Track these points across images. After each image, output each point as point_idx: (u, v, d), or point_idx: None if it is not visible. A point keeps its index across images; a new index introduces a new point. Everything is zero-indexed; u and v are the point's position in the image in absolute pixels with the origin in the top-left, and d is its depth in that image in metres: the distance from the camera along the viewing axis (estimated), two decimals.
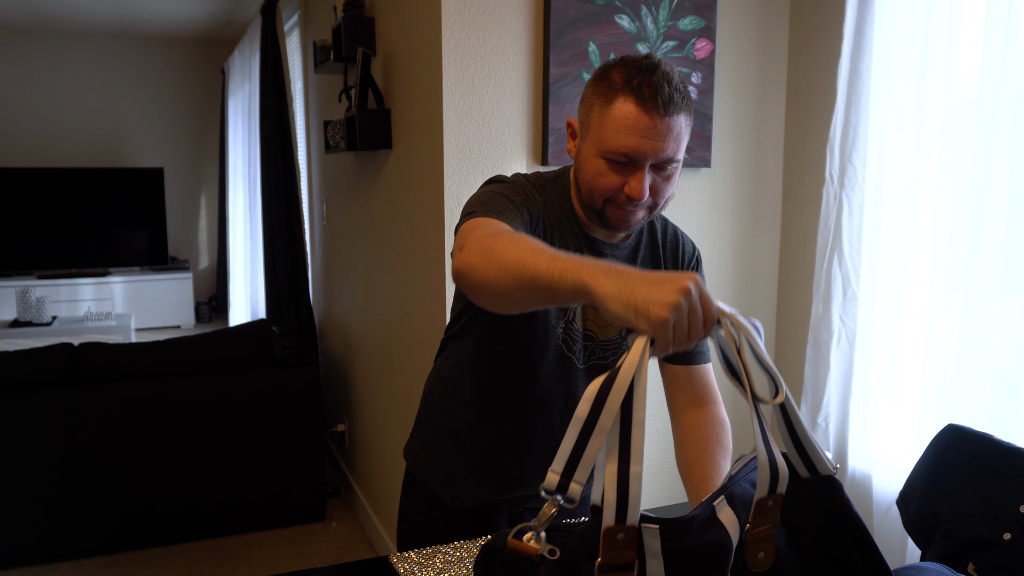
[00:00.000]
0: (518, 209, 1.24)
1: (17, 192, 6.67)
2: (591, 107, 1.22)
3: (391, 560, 1.35)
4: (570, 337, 1.35)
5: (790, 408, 0.92)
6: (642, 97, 1.16)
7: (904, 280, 2.00)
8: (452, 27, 2.06)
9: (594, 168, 1.22)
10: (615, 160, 1.19)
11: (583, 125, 1.25)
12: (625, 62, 1.20)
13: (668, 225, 1.45)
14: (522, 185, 1.31)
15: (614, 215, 1.25)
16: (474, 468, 1.45)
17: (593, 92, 1.22)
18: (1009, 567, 1.20)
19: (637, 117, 1.16)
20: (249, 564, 3.06)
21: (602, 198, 1.24)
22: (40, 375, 3.02)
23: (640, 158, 1.18)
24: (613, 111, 1.18)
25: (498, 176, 1.36)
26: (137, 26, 6.65)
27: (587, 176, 1.24)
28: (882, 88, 2.01)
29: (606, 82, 1.20)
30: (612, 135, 1.18)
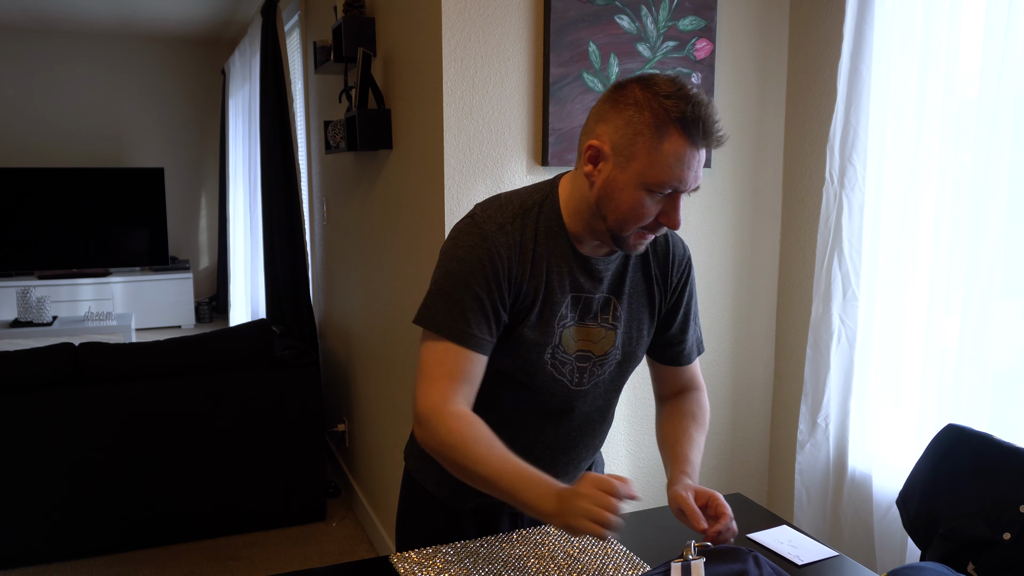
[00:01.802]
0: (482, 309, 1.23)
1: (18, 192, 6.68)
2: (636, 136, 1.17)
3: (391, 560, 1.35)
4: (558, 361, 1.33)
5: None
6: (696, 132, 1.16)
7: (904, 280, 2.00)
8: (452, 27, 2.06)
9: (634, 199, 1.20)
10: (659, 192, 1.19)
11: (621, 153, 1.19)
12: (668, 88, 1.17)
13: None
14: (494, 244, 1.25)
15: (636, 240, 1.25)
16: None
17: (638, 120, 1.17)
18: (1009, 567, 1.20)
19: (687, 150, 1.16)
20: (249, 564, 3.06)
21: (636, 226, 1.22)
22: (40, 375, 3.02)
23: (685, 189, 1.19)
24: (666, 145, 1.16)
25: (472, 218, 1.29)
26: (138, 26, 6.66)
27: (622, 206, 1.21)
28: (882, 88, 2.01)
29: (652, 111, 1.16)
30: (664, 168, 1.16)
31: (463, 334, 1.24)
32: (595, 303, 1.34)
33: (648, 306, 1.40)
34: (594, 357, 1.36)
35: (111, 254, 6.97)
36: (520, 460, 1.17)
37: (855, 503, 2.11)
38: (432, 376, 1.24)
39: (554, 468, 1.43)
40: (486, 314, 1.24)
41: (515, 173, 2.17)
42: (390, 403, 2.88)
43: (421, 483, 1.50)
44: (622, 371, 1.43)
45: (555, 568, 1.31)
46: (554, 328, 1.30)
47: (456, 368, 1.23)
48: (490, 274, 1.24)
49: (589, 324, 1.33)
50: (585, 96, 2.16)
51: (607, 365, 1.38)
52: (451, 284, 1.25)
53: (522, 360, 1.32)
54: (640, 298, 1.39)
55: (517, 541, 1.40)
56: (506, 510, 1.49)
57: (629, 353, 1.40)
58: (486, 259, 1.24)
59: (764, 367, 2.55)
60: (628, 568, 1.32)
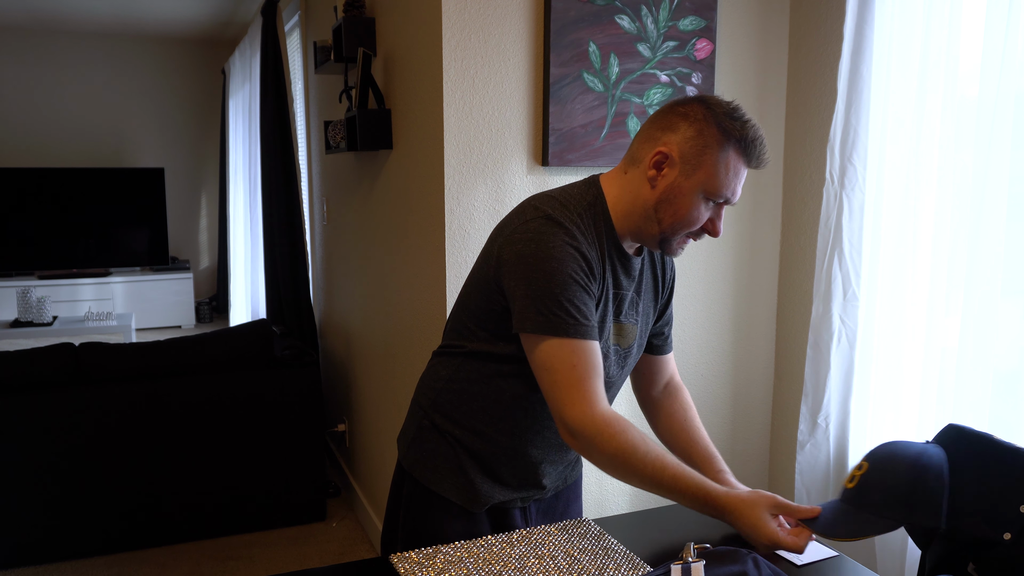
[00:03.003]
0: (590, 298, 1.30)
1: (18, 192, 6.68)
2: (704, 147, 1.29)
3: (391, 560, 1.35)
4: (604, 354, 1.42)
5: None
6: (753, 151, 1.31)
7: (904, 280, 2.00)
8: (453, 27, 2.06)
9: (692, 204, 1.32)
10: (715, 200, 1.32)
11: (689, 162, 1.30)
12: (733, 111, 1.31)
13: None
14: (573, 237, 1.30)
15: (680, 244, 1.37)
16: (489, 473, 1.47)
17: (707, 132, 1.29)
18: (1009, 567, 1.20)
19: (741, 165, 1.31)
20: (249, 564, 3.06)
21: (687, 230, 1.34)
22: (41, 375, 3.02)
23: (734, 200, 1.33)
24: (729, 159, 1.30)
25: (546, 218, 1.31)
26: (138, 26, 6.66)
27: (682, 210, 1.32)
28: (882, 88, 2.01)
29: (723, 128, 1.29)
30: (725, 180, 1.30)
31: (585, 329, 1.28)
32: (625, 299, 1.43)
33: (654, 304, 1.52)
34: (622, 351, 1.45)
35: (111, 254, 6.97)
36: (676, 463, 1.27)
37: None
38: (571, 382, 1.26)
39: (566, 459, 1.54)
40: (592, 301, 1.32)
41: (515, 173, 2.17)
42: (391, 403, 2.88)
43: (431, 490, 1.48)
44: (633, 363, 1.53)
45: (555, 568, 1.31)
46: (608, 324, 1.40)
47: (589, 365, 1.27)
48: (585, 266, 1.31)
49: (623, 321, 1.43)
50: (585, 96, 2.16)
51: (631, 358, 1.49)
52: (557, 283, 1.27)
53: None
54: (649, 295, 1.50)
55: (517, 541, 1.40)
56: (517, 504, 1.52)
57: (640, 345, 1.51)
58: (578, 252, 1.30)
59: (764, 367, 2.55)
60: (628, 568, 1.32)
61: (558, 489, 1.60)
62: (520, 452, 1.46)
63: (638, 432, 1.27)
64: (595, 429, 1.25)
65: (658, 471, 1.24)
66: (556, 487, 1.59)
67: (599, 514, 2.37)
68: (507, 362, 1.39)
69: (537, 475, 1.50)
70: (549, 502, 1.60)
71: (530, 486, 1.51)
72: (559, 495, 1.61)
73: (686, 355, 2.44)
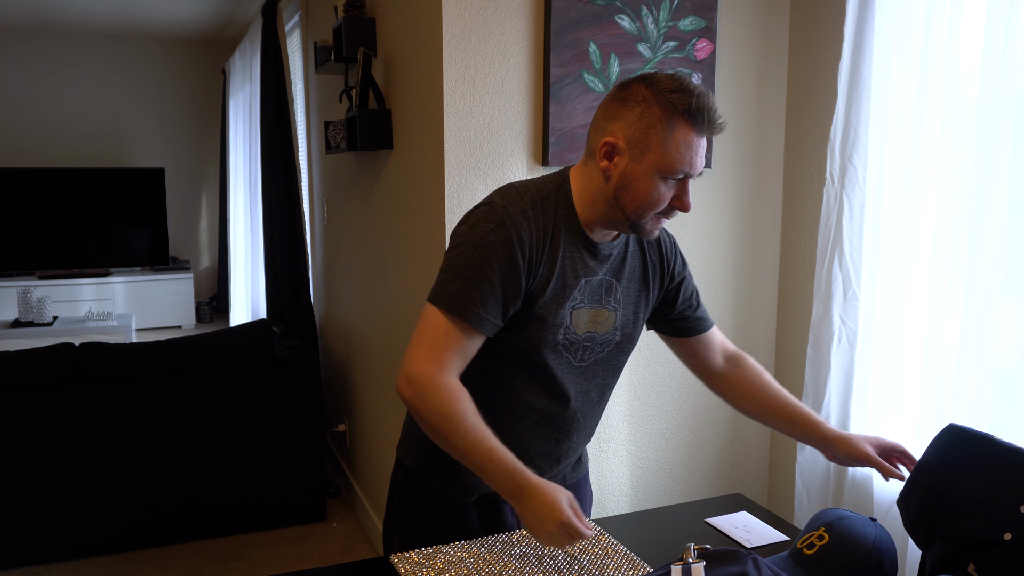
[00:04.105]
0: (493, 293, 1.30)
1: (18, 192, 6.68)
2: (649, 129, 1.28)
3: (391, 560, 1.35)
4: (568, 340, 1.41)
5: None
6: (701, 120, 1.27)
7: (905, 280, 2.00)
8: (453, 27, 2.06)
9: (650, 186, 1.30)
10: (672, 178, 1.30)
11: (636, 146, 1.29)
12: (674, 84, 1.28)
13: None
14: (514, 226, 1.32)
15: (653, 225, 1.36)
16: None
17: (648, 114, 1.28)
18: (1010, 567, 1.20)
19: (693, 138, 1.28)
20: (250, 564, 3.06)
21: (652, 212, 1.33)
22: (41, 375, 3.02)
23: (693, 173, 1.31)
24: (676, 135, 1.27)
25: (491, 205, 1.35)
26: (138, 26, 6.66)
27: (641, 194, 1.31)
28: (883, 88, 2.01)
29: (661, 106, 1.27)
30: (676, 156, 1.28)
31: (470, 313, 1.30)
32: (601, 285, 1.42)
33: (644, 291, 1.50)
34: (598, 337, 1.44)
35: (112, 254, 6.97)
36: (496, 441, 1.28)
37: (856, 503, 2.11)
38: (433, 344, 1.31)
39: (556, 452, 1.50)
40: (496, 298, 1.31)
41: (516, 173, 2.17)
42: (391, 403, 2.88)
43: (421, 478, 1.51)
44: (621, 352, 1.51)
45: (555, 568, 1.31)
46: (566, 310, 1.38)
47: (457, 343, 1.31)
48: (505, 260, 1.31)
49: (596, 307, 1.42)
50: (586, 96, 2.16)
51: (608, 344, 1.47)
52: (466, 267, 1.31)
53: (536, 339, 1.38)
54: (636, 283, 1.48)
55: (517, 541, 1.40)
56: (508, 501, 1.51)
57: (627, 335, 1.49)
58: (503, 244, 1.31)
59: (764, 367, 2.54)
60: (628, 568, 1.32)
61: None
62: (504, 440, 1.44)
63: (472, 408, 1.30)
64: (432, 386, 1.29)
65: (475, 443, 1.27)
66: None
67: (599, 514, 2.37)
68: (484, 353, 1.40)
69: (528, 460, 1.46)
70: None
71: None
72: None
73: None
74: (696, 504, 1.69)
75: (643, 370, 2.39)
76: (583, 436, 1.54)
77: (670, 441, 2.47)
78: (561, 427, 1.48)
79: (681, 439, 2.48)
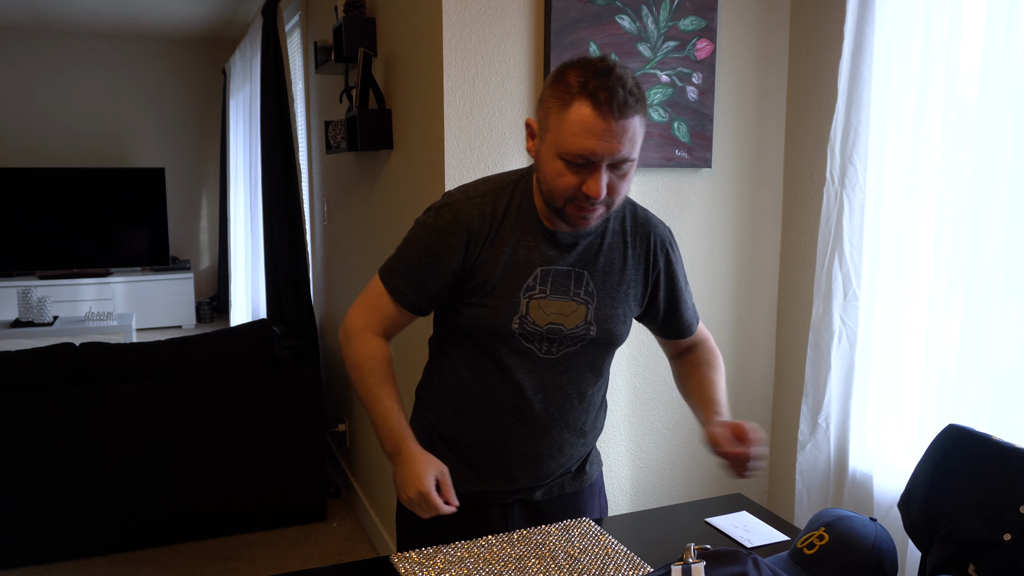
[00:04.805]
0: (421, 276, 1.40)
1: (18, 192, 6.68)
2: (549, 110, 1.26)
3: (392, 560, 1.35)
4: (527, 330, 1.39)
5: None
6: (598, 101, 1.21)
7: (905, 280, 2.00)
8: (453, 27, 2.06)
9: (553, 169, 1.28)
10: (573, 162, 1.25)
11: (541, 127, 1.29)
12: (581, 64, 1.25)
13: (638, 213, 1.48)
14: (464, 217, 1.36)
15: (573, 213, 1.31)
16: (463, 459, 1.48)
17: (551, 95, 1.26)
18: (1010, 568, 1.20)
19: (594, 120, 1.21)
20: (250, 564, 3.07)
21: (563, 197, 1.29)
22: (41, 375, 3.02)
23: (597, 159, 1.24)
24: (570, 115, 1.23)
25: (449, 194, 1.41)
26: (139, 26, 6.66)
27: (547, 176, 1.29)
28: (883, 88, 2.01)
29: (563, 85, 1.24)
30: (570, 138, 1.23)
31: (394, 286, 1.42)
32: (566, 276, 1.39)
33: (631, 286, 1.45)
34: (565, 330, 1.40)
35: (112, 254, 6.97)
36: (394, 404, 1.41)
37: (856, 503, 2.11)
38: (367, 303, 1.45)
39: (535, 450, 1.46)
40: (419, 278, 1.39)
41: None
42: None
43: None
44: (600, 350, 1.45)
45: (555, 568, 1.32)
46: (519, 298, 1.37)
47: (384, 308, 1.44)
48: (438, 244, 1.37)
49: (561, 298, 1.39)
50: None
51: (581, 339, 1.42)
52: (406, 244, 1.42)
53: (489, 326, 1.39)
54: (618, 277, 1.43)
55: (517, 541, 1.40)
56: (495, 501, 1.51)
57: (607, 331, 1.43)
58: (441, 230, 1.37)
59: (764, 367, 2.55)
60: (628, 568, 1.32)
61: (551, 496, 1.54)
62: (476, 433, 1.47)
63: (383, 367, 1.43)
64: (356, 337, 1.44)
65: (375, 399, 1.41)
66: (546, 492, 1.52)
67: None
68: (452, 345, 1.47)
69: (502, 461, 1.46)
70: (539, 507, 1.53)
71: (500, 476, 1.48)
72: (551, 503, 1.54)
73: None
74: (696, 504, 1.69)
75: (643, 370, 2.39)
76: (568, 436, 1.48)
77: (670, 441, 2.47)
78: (533, 423, 1.44)
79: (681, 439, 2.48)
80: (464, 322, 1.41)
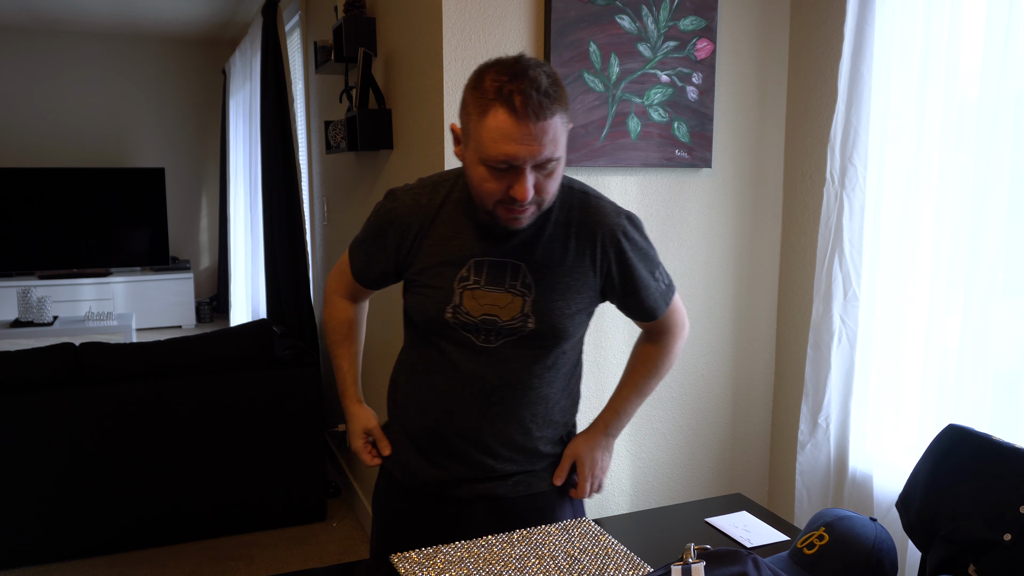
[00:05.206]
0: (370, 256, 1.51)
1: (18, 192, 6.68)
2: (469, 115, 1.26)
3: (391, 560, 1.35)
4: (460, 320, 1.40)
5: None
6: (513, 106, 1.20)
7: (905, 280, 2.00)
8: (453, 27, 2.06)
9: (478, 175, 1.28)
10: (496, 167, 1.25)
11: (464, 132, 1.30)
12: (496, 67, 1.25)
13: (589, 204, 1.42)
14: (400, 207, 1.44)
15: (504, 215, 1.31)
16: (420, 447, 1.51)
17: (470, 100, 1.26)
18: (1010, 568, 1.20)
19: (512, 126, 1.20)
20: (250, 564, 3.06)
21: (491, 201, 1.30)
22: (41, 375, 3.02)
23: (520, 163, 1.24)
24: (488, 121, 1.22)
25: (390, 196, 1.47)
26: (138, 26, 6.66)
27: (474, 181, 1.30)
28: (883, 89, 2.01)
29: (480, 91, 1.24)
30: (490, 144, 1.23)
31: (354, 264, 1.56)
32: (501, 267, 1.38)
33: (577, 279, 1.41)
34: (500, 322, 1.39)
35: (112, 254, 6.97)
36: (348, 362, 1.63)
37: (856, 503, 2.11)
38: (340, 271, 1.61)
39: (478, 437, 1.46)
40: (370, 262, 1.51)
41: None
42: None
43: (390, 470, 1.58)
44: (545, 344, 1.42)
45: (555, 568, 1.32)
46: (452, 287, 1.39)
47: (349, 279, 1.59)
48: (380, 231, 1.46)
49: (496, 289, 1.39)
50: (586, 96, 2.16)
51: (517, 332, 1.40)
52: (365, 227, 1.52)
53: (425, 314, 1.43)
54: (558, 270, 1.40)
55: (517, 541, 1.40)
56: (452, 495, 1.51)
57: (548, 325, 1.39)
58: (382, 219, 1.46)
59: (764, 367, 2.55)
60: (628, 568, 1.32)
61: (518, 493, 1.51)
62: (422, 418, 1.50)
63: (347, 328, 1.62)
64: (328, 298, 1.64)
65: (335, 356, 1.63)
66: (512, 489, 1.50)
67: (599, 514, 2.37)
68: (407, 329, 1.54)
69: (448, 449, 1.47)
70: (502, 506, 1.51)
71: (449, 464, 1.48)
72: (518, 501, 1.51)
73: (686, 355, 2.44)
74: (696, 504, 1.69)
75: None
76: (515, 428, 1.45)
77: (670, 441, 2.47)
78: (475, 411, 1.43)
79: (681, 439, 2.48)
80: (407, 309, 1.49)
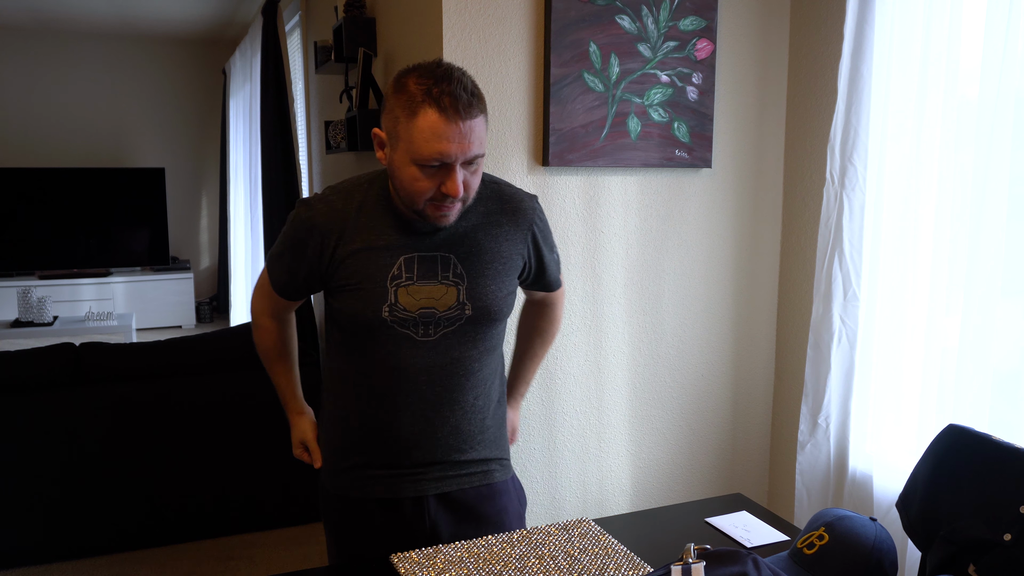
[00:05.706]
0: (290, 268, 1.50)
1: (19, 192, 6.68)
2: (396, 119, 1.31)
3: (392, 560, 1.35)
4: (398, 317, 1.42)
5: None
6: (443, 106, 1.27)
7: (905, 280, 2.00)
8: (453, 27, 2.07)
9: (409, 175, 1.33)
10: (428, 165, 1.31)
11: (391, 136, 1.34)
12: (420, 71, 1.30)
13: (504, 191, 1.52)
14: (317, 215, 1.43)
15: (433, 213, 1.37)
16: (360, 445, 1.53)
17: (396, 104, 1.31)
18: (1010, 568, 1.20)
19: (443, 125, 1.28)
20: (250, 564, 3.06)
21: (422, 199, 1.35)
22: (41, 375, 3.02)
23: (451, 160, 1.30)
24: (419, 122, 1.28)
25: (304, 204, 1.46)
26: (139, 26, 6.66)
27: (404, 183, 1.35)
28: (882, 88, 2.01)
29: (406, 95, 1.29)
30: (422, 144, 1.29)
31: (276, 281, 1.55)
32: (432, 261, 1.43)
33: (504, 263, 1.49)
34: (439, 313, 1.44)
35: (112, 254, 6.97)
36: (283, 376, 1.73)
37: (856, 503, 2.11)
38: (261, 288, 1.61)
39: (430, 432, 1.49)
40: (291, 273, 1.50)
41: (516, 173, 2.17)
42: None
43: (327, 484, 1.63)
44: (481, 326, 1.49)
45: (555, 568, 1.32)
46: (386, 287, 1.41)
47: (271, 294, 1.58)
48: (296, 240, 1.46)
49: (430, 283, 1.43)
50: (586, 96, 2.16)
51: (456, 320, 1.45)
52: (281, 238, 1.51)
53: (360, 317, 1.43)
54: (487, 256, 1.47)
55: (517, 541, 1.41)
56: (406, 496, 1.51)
57: (483, 308, 1.47)
58: (297, 228, 1.45)
59: (764, 367, 2.55)
60: (628, 568, 1.32)
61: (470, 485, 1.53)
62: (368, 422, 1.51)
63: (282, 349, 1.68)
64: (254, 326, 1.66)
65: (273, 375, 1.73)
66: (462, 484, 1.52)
67: (599, 514, 2.37)
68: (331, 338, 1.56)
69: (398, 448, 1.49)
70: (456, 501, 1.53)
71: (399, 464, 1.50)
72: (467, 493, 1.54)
73: (686, 355, 2.44)
74: (696, 504, 1.69)
75: (643, 370, 2.39)
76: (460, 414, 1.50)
77: (670, 441, 2.47)
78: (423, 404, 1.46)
79: (681, 439, 2.48)
80: (337, 316, 1.48)
